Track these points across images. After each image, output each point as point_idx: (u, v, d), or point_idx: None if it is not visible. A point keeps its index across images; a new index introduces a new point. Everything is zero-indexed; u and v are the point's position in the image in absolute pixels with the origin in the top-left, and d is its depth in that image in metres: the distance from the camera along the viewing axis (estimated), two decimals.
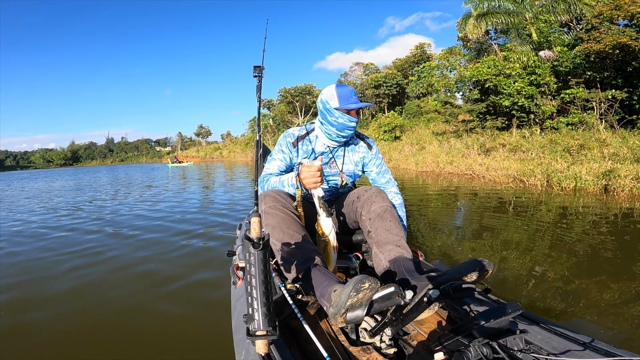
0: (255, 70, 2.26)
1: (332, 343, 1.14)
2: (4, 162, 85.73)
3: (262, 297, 0.88)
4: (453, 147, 11.72)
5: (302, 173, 1.32)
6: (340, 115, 1.48)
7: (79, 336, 1.97)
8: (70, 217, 5.80)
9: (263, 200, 1.39)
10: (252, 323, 0.88)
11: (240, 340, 1.16)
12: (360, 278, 0.95)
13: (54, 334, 2.01)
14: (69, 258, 3.39)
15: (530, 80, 11.12)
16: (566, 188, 5.77)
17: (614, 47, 9.60)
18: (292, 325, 1.23)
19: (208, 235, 4.07)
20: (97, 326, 2.07)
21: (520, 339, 0.96)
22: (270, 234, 1.33)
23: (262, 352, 0.88)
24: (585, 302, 2.07)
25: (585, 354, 0.91)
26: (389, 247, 1.32)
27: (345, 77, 32.52)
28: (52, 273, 3.00)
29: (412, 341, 1.16)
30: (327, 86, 1.55)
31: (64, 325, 2.09)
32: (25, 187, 14.42)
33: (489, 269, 1.06)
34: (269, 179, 1.55)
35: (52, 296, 2.53)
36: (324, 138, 1.59)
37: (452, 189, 6.98)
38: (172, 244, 3.73)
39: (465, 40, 15.62)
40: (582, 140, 7.85)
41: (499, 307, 0.95)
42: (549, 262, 2.72)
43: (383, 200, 1.45)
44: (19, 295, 2.58)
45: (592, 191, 5.49)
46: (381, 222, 1.39)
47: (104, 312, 2.26)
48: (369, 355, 1.08)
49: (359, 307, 0.97)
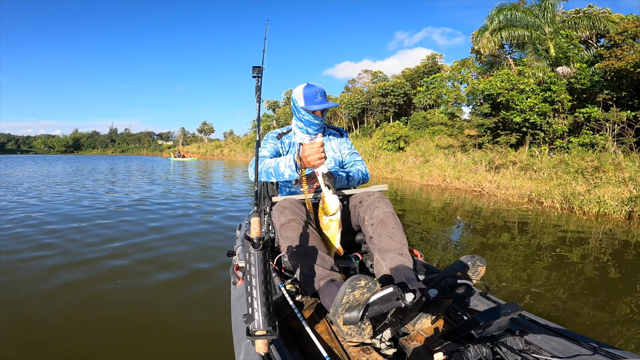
0: (255, 70, 2.48)
1: (332, 343, 1.15)
2: (5, 145, 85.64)
3: (262, 297, 0.89)
4: (459, 162, 11.28)
5: (305, 151, 1.30)
6: (305, 113, 1.62)
7: (75, 334, 1.92)
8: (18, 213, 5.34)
9: (282, 213, 1.39)
10: (252, 323, 0.88)
11: (240, 340, 1.15)
12: (356, 276, 0.95)
13: (49, 331, 1.96)
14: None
15: (544, 96, 10.72)
16: (589, 213, 5.33)
17: (635, 65, 9.23)
18: (292, 325, 1.22)
19: (208, 235, 4.00)
20: (96, 325, 2.02)
21: (519, 340, 0.96)
22: (288, 247, 1.32)
23: (261, 352, 0.88)
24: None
25: (586, 355, 0.90)
26: (391, 254, 1.32)
27: (353, 83, 32.26)
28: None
29: (411, 341, 1.16)
30: (300, 84, 1.65)
31: (61, 323, 2.04)
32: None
33: (482, 264, 1.05)
34: (263, 160, 1.55)
35: (49, 292, 2.44)
36: (300, 133, 1.72)
37: (469, 207, 6.51)
38: (171, 243, 3.65)
39: (478, 53, 15.27)
40: (598, 162, 7.41)
41: (498, 308, 0.94)
42: (580, 287, 2.49)
43: (386, 205, 1.45)
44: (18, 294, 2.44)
45: (616, 217, 5.06)
46: (384, 228, 1.39)
47: (102, 311, 2.19)
48: (369, 355, 1.07)
49: (355, 308, 0.96)
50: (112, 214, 5.02)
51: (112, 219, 4.65)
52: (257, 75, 2.47)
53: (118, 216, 4.87)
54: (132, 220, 4.64)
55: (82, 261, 3.03)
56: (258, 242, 0.91)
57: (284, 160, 1.42)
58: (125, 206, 5.77)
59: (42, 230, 4.04)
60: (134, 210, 5.41)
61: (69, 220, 4.58)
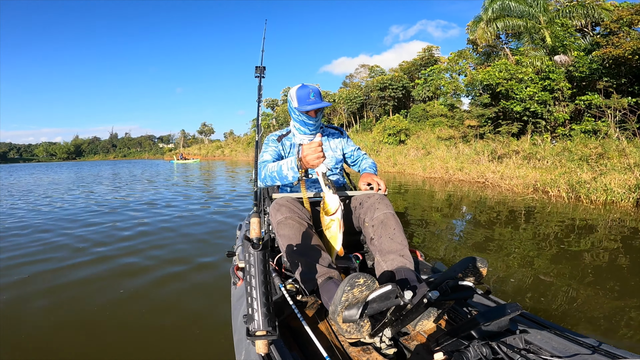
0: (257, 70, 2.40)
1: (332, 343, 1.14)
2: (7, 155, 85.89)
3: (262, 297, 0.89)
4: (461, 153, 11.26)
5: (304, 151, 1.31)
6: (300, 114, 1.64)
7: (73, 333, 1.93)
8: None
9: (279, 210, 1.39)
10: (252, 323, 0.88)
11: (240, 341, 1.15)
12: (355, 274, 0.95)
13: (45, 329, 1.98)
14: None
15: (543, 85, 10.67)
16: (596, 201, 5.29)
17: (633, 53, 9.19)
18: (292, 325, 1.22)
19: (208, 235, 4.02)
20: (95, 325, 2.02)
21: (520, 339, 0.97)
22: (285, 245, 1.33)
23: (262, 352, 0.88)
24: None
25: (586, 355, 0.90)
26: (392, 256, 1.32)
27: (351, 78, 32.12)
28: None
29: (412, 341, 1.16)
30: (294, 86, 1.68)
31: (57, 320, 2.07)
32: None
33: (483, 265, 1.04)
34: (266, 165, 1.56)
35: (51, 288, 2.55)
36: (297, 133, 1.73)
37: (473, 198, 6.50)
38: (171, 243, 3.67)
39: (474, 43, 15.18)
40: (602, 149, 7.38)
41: (498, 307, 0.94)
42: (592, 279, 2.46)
43: (386, 207, 1.45)
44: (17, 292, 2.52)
45: (623, 205, 5.01)
46: (384, 229, 1.39)
47: (102, 310, 2.19)
48: (369, 355, 1.07)
49: (354, 306, 0.96)
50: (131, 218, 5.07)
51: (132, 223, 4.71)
52: (259, 75, 2.45)
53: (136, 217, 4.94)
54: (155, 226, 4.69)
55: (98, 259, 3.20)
56: (258, 243, 0.91)
57: (286, 162, 1.43)
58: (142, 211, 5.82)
59: (57, 233, 4.23)
60: (156, 225, 5.46)
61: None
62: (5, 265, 3.05)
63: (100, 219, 5.09)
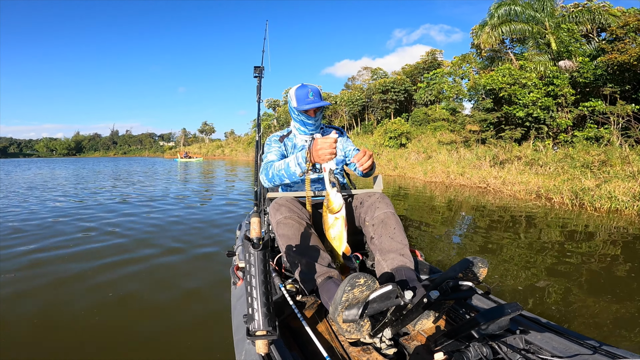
0: (256, 70, 2.39)
1: (332, 343, 1.14)
2: (7, 149, 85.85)
3: (262, 297, 0.88)
4: (463, 158, 11.21)
5: (318, 144, 1.27)
6: (299, 114, 1.63)
7: (73, 334, 1.91)
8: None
9: (278, 210, 1.38)
10: (252, 323, 0.88)
11: (240, 341, 1.15)
12: (355, 274, 0.95)
13: (41, 328, 1.97)
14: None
15: (547, 91, 10.65)
16: (600, 209, 5.23)
17: (638, 59, 9.17)
18: (292, 325, 1.22)
19: (207, 235, 3.98)
20: (94, 324, 1.99)
21: (520, 339, 0.96)
22: (285, 245, 1.32)
23: (262, 352, 0.88)
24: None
25: (587, 355, 0.89)
26: (392, 255, 1.32)
27: (353, 80, 32.11)
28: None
29: (412, 341, 1.16)
30: (293, 86, 1.67)
31: (55, 319, 2.06)
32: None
33: (483, 266, 1.04)
34: (272, 164, 1.52)
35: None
36: (298, 134, 1.73)
37: (474, 204, 6.45)
38: (171, 243, 3.63)
39: (478, 48, 15.18)
40: (605, 156, 7.34)
41: (498, 307, 0.93)
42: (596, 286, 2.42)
43: (387, 206, 1.45)
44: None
45: (628, 213, 4.96)
46: (385, 228, 1.39)
47: (100, 309, 2.17)
48: (369, 355, 1.07)
49: (354, 306, 0.96)
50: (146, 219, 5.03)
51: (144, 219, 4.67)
52: (258, 75, 2.46)
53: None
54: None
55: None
56: (258, 242, 0.91)
57: (293, 159, 1.40)
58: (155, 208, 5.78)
59: (79, 227, 4.34)
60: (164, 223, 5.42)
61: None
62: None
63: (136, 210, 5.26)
